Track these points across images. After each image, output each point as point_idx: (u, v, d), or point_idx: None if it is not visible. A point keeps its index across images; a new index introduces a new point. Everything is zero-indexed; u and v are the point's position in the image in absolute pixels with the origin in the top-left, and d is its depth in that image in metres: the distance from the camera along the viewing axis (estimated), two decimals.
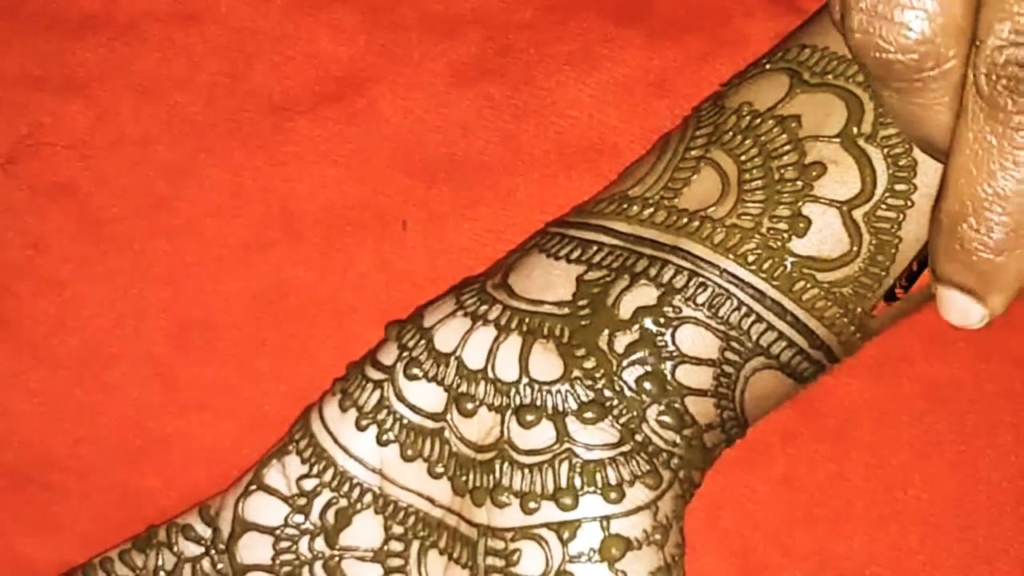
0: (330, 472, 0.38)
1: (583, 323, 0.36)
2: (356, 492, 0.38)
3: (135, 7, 0.46)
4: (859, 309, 0.36)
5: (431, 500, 0.38)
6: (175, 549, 0.40)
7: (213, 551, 0.40)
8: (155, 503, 0.45)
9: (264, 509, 0.39)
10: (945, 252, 0.32)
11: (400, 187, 0.45)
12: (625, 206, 0.37)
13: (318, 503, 0.38)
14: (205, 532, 0.40)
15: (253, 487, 0.39)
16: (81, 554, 0.44)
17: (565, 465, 0.36)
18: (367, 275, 0.45)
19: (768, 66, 0.38)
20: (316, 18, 0.46)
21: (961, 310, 0.34)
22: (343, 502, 0.38)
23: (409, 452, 0.38)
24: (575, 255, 0.37)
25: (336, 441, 0.38)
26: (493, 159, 0.45)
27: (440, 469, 0.38)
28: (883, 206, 0.36)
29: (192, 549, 0.40)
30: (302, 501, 0.38)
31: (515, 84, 0.45)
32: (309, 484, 0.39)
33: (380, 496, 0.38)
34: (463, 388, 0.37)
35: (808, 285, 0.36)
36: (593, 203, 0.39)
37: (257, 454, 0.44)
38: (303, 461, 0.39)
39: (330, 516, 0.38)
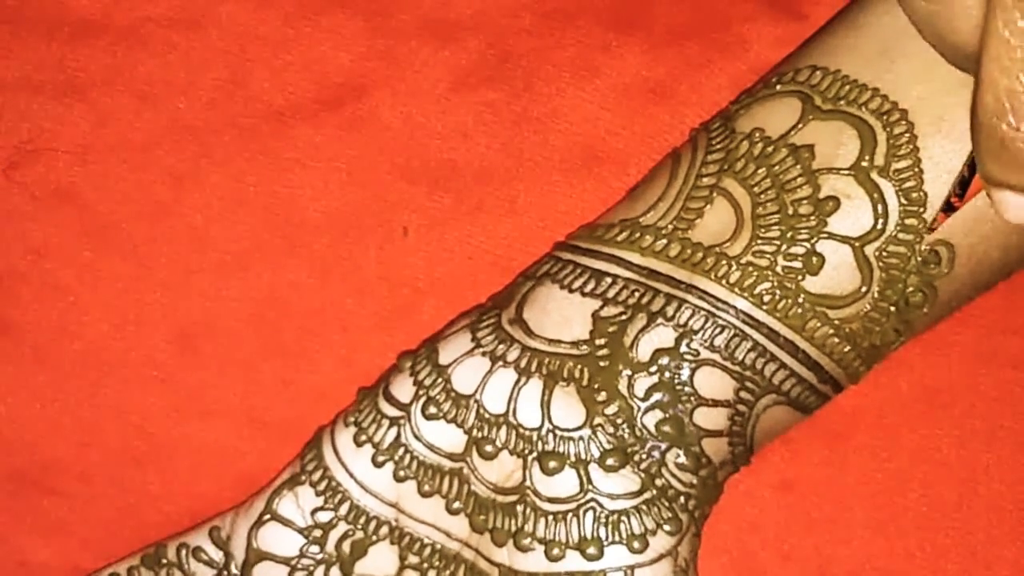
0: (346, 506, 0.38)
1: (601, 364, 0.36)
2: (372, 525, 0.38)
3: (135, 12, 0.45)
4: (866, 343, 0.36)
5: (447, 534, 0.38)
6: (186, 570, 0.40)
7: (226, 575, 0.40)
8: (159, 508, 0.45)
9: (279, 539, 0.39)
10: (988, 153, 0.31)
11: (401, 193, 0.45)
12: (638, 235, 0.37)
13: (334, 535, 0.38)
14: (217, 555, 0.40)
15: (267, 517, 0.39)
16: (86, 558, 0.44)
17: (590, 515, 0.36)
18: (368, 281, 0.45)
19: (779, 87, 0.37)
20: (317, 24, 0.45)
21: (1019, 209, 0.32)
22: (359, 534, 0.38)
23: (426, 488, 0.38)
24: (589, 288, 0.37)
25: (352, 476, 0.38)
26: (494, 165, 0.45)
27: (458, 505, 0.37)
28: (894, 242, 0.35)
29: (204, 571, 0.40)
30: (318, 533, 0.38)
31: (515, 91, 0.45)
32: (324, 516, 0.38)
33: (396, 528, 0.38)
34: (484, 432, 0.37)
35: (820, 324, 0.36)
36: (604, 228, 0.38)
37: (260, 459, 0.44)
38: (317, 494, 0.38)
39: (346, 547, 0.38)
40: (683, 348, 0.36)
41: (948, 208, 0.36)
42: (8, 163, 0.45)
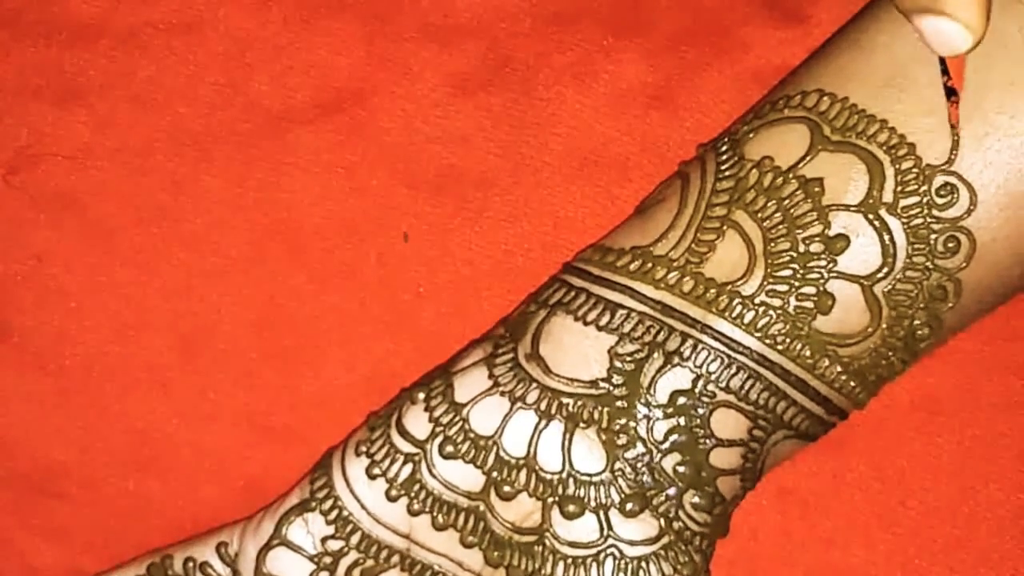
0: (357, 536, 0.38)
1: (619, 404, 0.36)
2: (384, 554, 0.38)
3: (134, 16, 0.45)
4: (873, 376, 0.36)
5: (460, 564, 0.38)
6: None
7: None
8: (161, 512, 0.45)
9: (288, 564, 0.39)
10: None
11: (401, 198, 0.45)
12: (650, 266, 0.37)
13: (344, 562, 0.38)
14: (224, 572, 0.40)
15: (276, 541, 0.39)
16: (88, 561, 0.44)
17: (610, 562, 0.36)
18: (369, 286, 0.44)
19: (787, 111, 0.37)
20: (316, 28, 0.45)
21: (938, 33, 0.33)
22: (370, 562, 0.38)
23: (440, 521, 0.37)
24: (604, 321, 0.37)
25: (364, 508, 0.38)
26: (493, 170, 0.44)
27: (472, 540, 0.37)
28: (903, 280, 0.35)
29: None
30: (328, 560, 0.38)
31: (515, 95, 0.45)
32: (335, 545, 0.38)
33: (407, 557, 0.38)
34: (503, 474, 0.37)
35: (830, 362, 0.36)
36: (616, 254, 0.38)
37: (262, 464, 0.44)
38: (328, 522, 0.38)
39: (356, 574, 0.38)
40: (700, 390, 0.36)
41: (951, 94, 0.35)
42: (8, 168, 0.45)
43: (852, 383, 0.36)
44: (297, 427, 0.45)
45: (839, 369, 0.36)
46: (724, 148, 0.38)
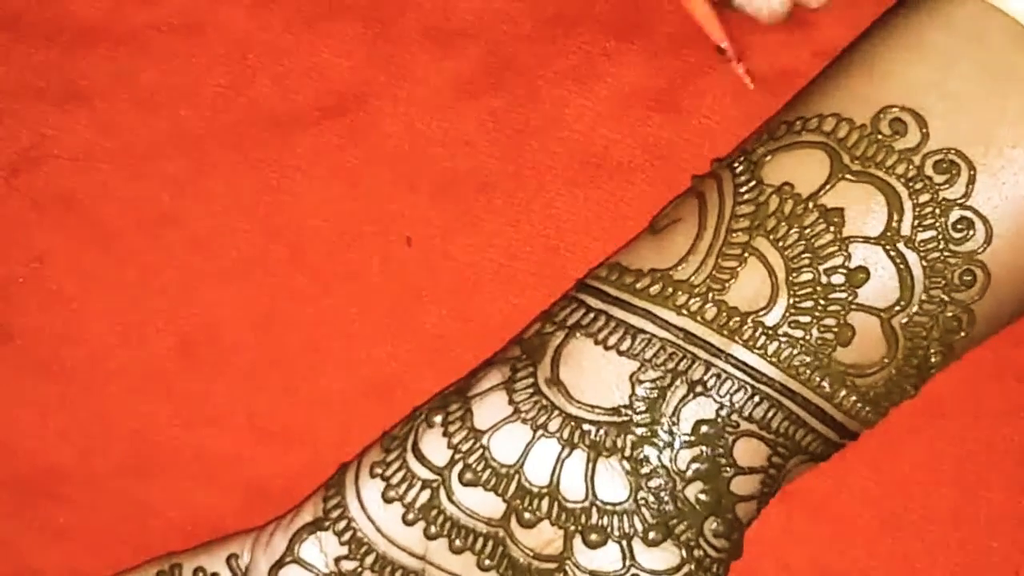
0: (371, 557, 0.38)
1: (642, 432, 0.36)
2: (398, 574, 0.38)
3: (137, 18, 0.45)
4: (886, 403, 0.37)
5: None
6: None
7: None
8: (162, 514, 0.44)
9: None
10: None
11: (404, 202, 0.44)
12: (671, 291, 0.36)
13: None
14: None
15: (288, 559, 0.38)
16: (89, 563, 0.44)
17: None
18: (371, 290, 0.44)
19: (804, 135, 0.37)
20: (317, 30, 0.45)
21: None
22: None
23: (458, 545, 0.37)
24: (625, 346, 0.36)
25: (378, 529, 0.38)
26: (495, 174, 0.44)
27: (490, 564, 0.37)
28: (919, 312, 0.35)
29: None
30: None
31: (517, 98, 0.44)
32: (349, 565, 0.38)
33: None
34: (526, 503, 0.36)
35: (847, 392, 0.36)
36: (634, 276, 0.37)
37: (262, 466, 0.44)
38: (342, 543, 0.38)
39: None
40: (723, 419, 0.36)
41: (721, 52, 0.36)
42: (10, 170, 0.45)
43: (867, 410, 0.36)
44: (298, 430, 0.45)
45: (855, 398, 0.36)
46: (740, 168, 0.37)
